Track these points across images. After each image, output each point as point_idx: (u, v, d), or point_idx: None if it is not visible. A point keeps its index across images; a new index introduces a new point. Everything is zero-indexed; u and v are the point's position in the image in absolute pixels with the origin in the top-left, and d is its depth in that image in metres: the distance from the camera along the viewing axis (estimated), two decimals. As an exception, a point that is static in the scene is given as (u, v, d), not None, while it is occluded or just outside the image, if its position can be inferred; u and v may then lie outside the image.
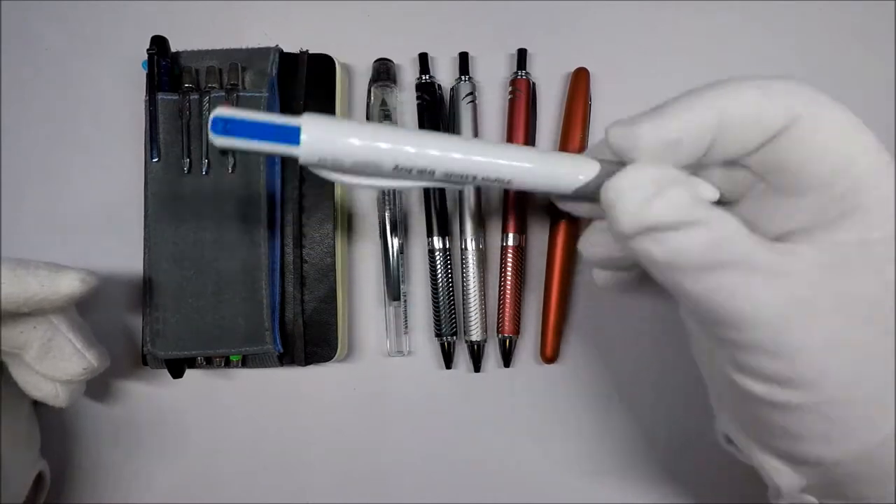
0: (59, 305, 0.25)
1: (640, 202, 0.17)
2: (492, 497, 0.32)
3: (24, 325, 0.25)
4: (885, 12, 0.33)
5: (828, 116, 0.18)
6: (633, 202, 0.17)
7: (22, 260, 0.25)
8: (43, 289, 0.24)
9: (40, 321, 0.26)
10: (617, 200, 0.18)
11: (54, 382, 0.27)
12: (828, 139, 0.18)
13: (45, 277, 0.24)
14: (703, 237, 0.17)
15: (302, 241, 0.31)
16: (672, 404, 0.32)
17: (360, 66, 0.34)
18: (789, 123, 0.18)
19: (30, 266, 0.25)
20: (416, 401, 0.32)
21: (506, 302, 0.31)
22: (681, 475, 0.31)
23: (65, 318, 0.26)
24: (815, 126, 0.18)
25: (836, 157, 0.18)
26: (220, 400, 0.33)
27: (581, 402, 0.32)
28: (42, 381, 0.27)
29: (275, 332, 0.30)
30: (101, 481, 0.32)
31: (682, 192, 0.17)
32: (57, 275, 0.25)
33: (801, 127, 0.18)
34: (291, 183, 0.31)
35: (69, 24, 0.35)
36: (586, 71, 0.32)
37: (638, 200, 0.17)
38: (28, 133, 0.34)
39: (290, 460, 0.32)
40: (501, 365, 0.32)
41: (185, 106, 0.31)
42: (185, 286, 0.30)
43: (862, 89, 0.33)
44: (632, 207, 0.17)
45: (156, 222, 0.30)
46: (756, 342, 0.18)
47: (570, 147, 0.31)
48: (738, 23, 0.34)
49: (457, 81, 0.33)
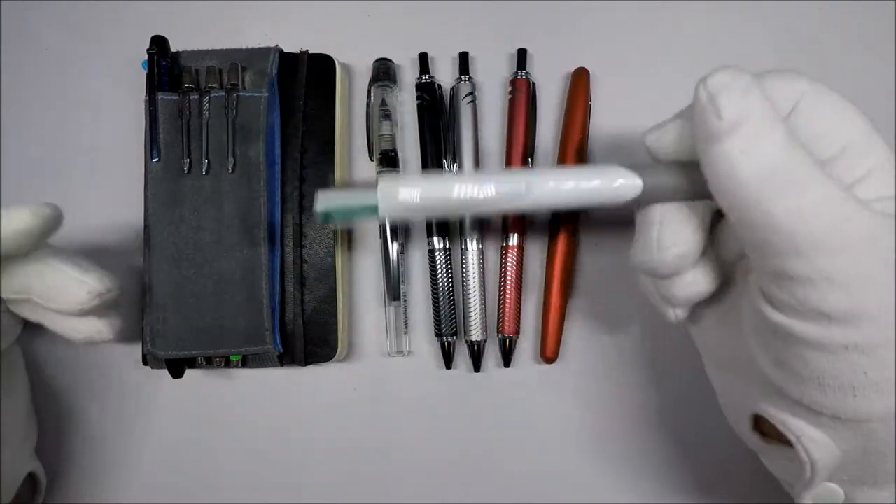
0: (21, 244, 0.24)
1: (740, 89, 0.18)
2: (492, 497, 0.32)
3: (15, 269, 0.25)
4: (885, 12, 0.33)
5: (825, 96, 0.20)
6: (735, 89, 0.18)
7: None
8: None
9: (28, 260, 0.25)
10: (720, 91, 0.18)
11: (88, 318, 0.26)
12: (829, 114, 0.20)
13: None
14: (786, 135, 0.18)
15: (302, 241, 0.31)
16: (672, 404, 0.32)
17: (360, 66, 0.34)
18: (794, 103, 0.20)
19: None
20: (416, 401, 0.32)
21: (506, 302, 0.31)
22: (681, 475, 0.31)
23: (50, 251, 0.26)
24: (816, 103, 0.20)
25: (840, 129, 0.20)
26: (220, 400, 0.33)
27: (581, 402, 0.32)
28: (76, 322, 0.26)
29: (275, 332, 0.30)
30: (100, 481, 0.32)
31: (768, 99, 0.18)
32: (7, 213, 0.24)
33: (805, 104, 0.20)
34: (291, 183, 0.31)
35: (69, 24, 0.35)
36: (586, 71, 0.32)
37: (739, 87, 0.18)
38: (28, 133, 0.34)
39: (290, 460, 0.32)
40: (501, 365, 0.32)
41: (185, 106, 0.31)
42: (185, 286, 0.30)
43: (862, 89, 0.33)
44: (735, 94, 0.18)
45: (156, 222, 0.30)
46: (825, 271, 0.17)
47: (569, 147, 0.31)
48: (738, 23, 0.34)
49: (457, 81, 0.33)
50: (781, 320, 0.19)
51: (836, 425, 0.19)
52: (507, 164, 0.32)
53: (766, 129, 0.18)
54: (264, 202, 0.30)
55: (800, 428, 0.20)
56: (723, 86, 0.18)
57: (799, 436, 0.20)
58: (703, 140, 0.19)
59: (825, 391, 0.19)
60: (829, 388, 0.18)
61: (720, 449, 0.31)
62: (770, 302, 0.19)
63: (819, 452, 0.20)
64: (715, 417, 0.24)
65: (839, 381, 0.18)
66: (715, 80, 0.19)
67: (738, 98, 0.18)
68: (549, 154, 0.33)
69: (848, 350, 0.18)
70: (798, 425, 0.20)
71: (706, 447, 0.31)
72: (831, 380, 0.18)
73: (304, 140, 0.32)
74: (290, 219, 0.31)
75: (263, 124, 0.30)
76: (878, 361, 0.18)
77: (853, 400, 0.18)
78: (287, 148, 0.31)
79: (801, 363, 0.19)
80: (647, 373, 0.32)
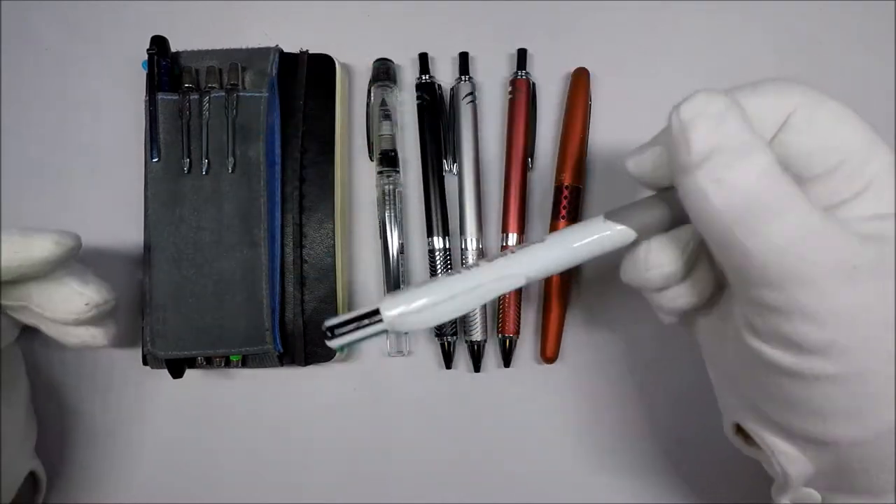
0: (38, 270, 0.24)
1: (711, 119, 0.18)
2: (492, 497, 0.32)
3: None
4: (885, 12, 0.33)
5: (821, 106, 0.19)
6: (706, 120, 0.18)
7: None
8: (17, 255, 0.24)
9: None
10: (692, 118, 0.18)
11: (84, 326, 0.26)
12: (825, 126, 0.19)
13: (18, 244, 0.24)
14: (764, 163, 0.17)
15: (302, 241, 0.31)
16: (672, 404, 0.32)
17: (360, 66, 0.34)
18: (786, 117, 0.19)
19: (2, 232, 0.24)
20: (416, 401, 0.32)
21: (506, 302, 0.31)
22: (681, 475, 0.31)
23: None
24: (811, 116, 0.19)
25: (837, 141, 0.19)
26: (220, 400, 0.33)
27: (581, 402, 0.32)
28: (71, 328, 0.26)
29: (275, 332, 0.30)
30: (100, 481, 0.32)
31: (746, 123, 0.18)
32: (30, 240, 0.24)
33: (799, 118, 0.19)
34: (291, 183, 0.31)
35: (69, 24, 0.35)
36: (586, 71, 0.32)
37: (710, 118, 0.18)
38: (28, 133, 0.34)
39: (290, 460, 0.32)
40: (501, 365, 0.32)
41: (185, 106, 0.31)
42: (185, 286, 0.30)
43: (862, 89, 0.33)
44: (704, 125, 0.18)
45: (156, 222, 0.30)
46: (797, 304, 0.17)
47: (569, 147, 0.31)
48: (738, 23, 0.34)
49: (457, 81, 0.33)
50: (758, 346, 0.19)
51: (809, 445, 0.20)
52: (507, 165, 0.32)
53: (739, 158, 0.17)
54: (264, 202, 0.30)
55: (774, 444, 0.21)
56: (695, 114, 0.18)
57: (773, 451, 0.21)
58: (677, 170, 0.18)
59: (797, 415, 0.19)
60: (800, 413, 0.19)
61: (720, 449, 0.31)
62: (748, 326, 0.19)
63: (792, 466, 0.20)
64: (715, 417, 0.24)
65: (810, 407, 0.19)
66: (687, 108, 0.18)
67: (710, 129, 0.18)
68: (550, 154, 0.33)
69: (819, 380, 0.18)
70: (773, 441, 0.21)
71: (706, 447, 0.31)
72: (803, 406, 0.19)
73: (304, 140, 0.32)
74: (290, 219, 0.31)
75: (263, 124, 0.30)
76: (849, 391, 0.18)
77: (823, 425, 0.19)
78: (287, 148, 0.31)
79: (775, 387, 0.19)
80: (647, 373, 0.32)
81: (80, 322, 0.26)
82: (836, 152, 0.19)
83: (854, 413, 0.18)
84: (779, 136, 0.19)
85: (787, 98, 0.19)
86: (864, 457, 0.19)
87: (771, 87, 0.20)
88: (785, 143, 0.19)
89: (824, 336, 0.17)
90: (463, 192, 0.32)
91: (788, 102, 0.19)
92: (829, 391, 0.18)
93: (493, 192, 0.33)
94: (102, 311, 0.26)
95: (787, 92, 0.19)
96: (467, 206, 0.32)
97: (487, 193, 0.33)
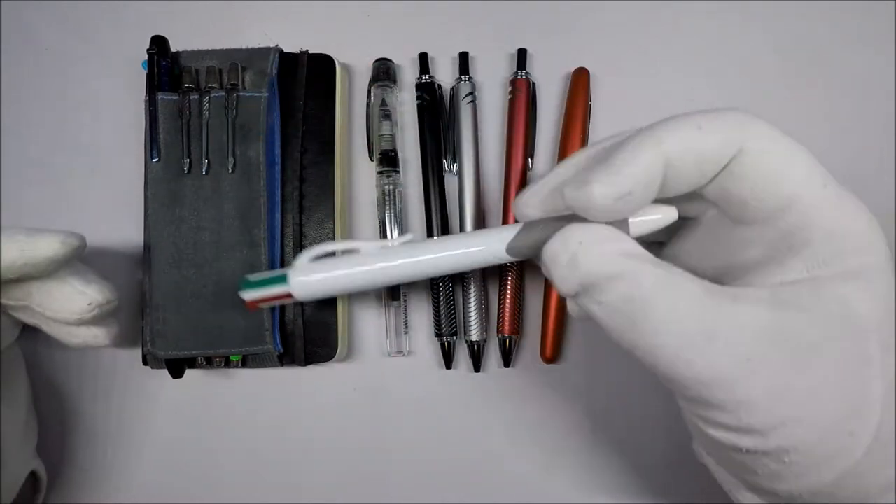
0: (43, 269, 0.24)
1: (568, 261, 0.19)
2: (492, 497, 0.32)
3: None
4: (885, 12, 0.33)
5: (770, 149, 0.19)
6: (562, 262, 0.19)
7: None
8: (23, 254, 0.24)
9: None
10: (550, 263, 0.19)
11: (86, 326, 0.26)
12: (769, 173, 0.19)
13: (24, 242, 0.24)
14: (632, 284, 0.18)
15: (302, 241, 0.31)
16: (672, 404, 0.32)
17: (360, 66, 0.34)
18: (734, 155, 0.19)
19: (8, 231, 0.24)
20: (416, 401, 0.32)
21: (506, 302, 0.31)
22: (680, 475, 0.31)
23: None
24: (756, 160, 0.18)
25: (779, 190, 0.19)
26: (220, 400, 0.33)
27: (581, 402, 0.32)
28: (73, 328, 0.26)
29: (275, 332, 0.30)
30: (100, 481, 0.32)
31: (609, 248, 0.18)
32: (36, 239, 0.24)
33: (744, 160, 0.19)
34: (291, 183, 0.31)
35: (69, 24, 0.35)
36: (586, 71, 0.32)
37: (566, 260, 0.19)
38: (28, 133, 0.34)
39: (290, 460, 0.32)
40: (501, 365, 0.32)
41: (185, 106, 0.31)
42: (185, 286, 0.30)
43: (862, 89, 0.33)
44: (564, 266, 0.19)
45: (156, 222, 0.30)
46: (705, 398, 0.18)
47: (569, 147, 0.31)
48: (738, 23, 0.34)
49: (457, 81, 0.33)
50: (698, 423, 0.20)
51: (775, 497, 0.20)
52: (507, 165, 0.32)
53: (606, 287, 0.18)
54: (264, 202, 0.30)
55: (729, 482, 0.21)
56: (551, 262, 0.19)
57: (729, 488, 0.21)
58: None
59: (757, 477, 0.19)
60: (759, 475, 0.19)
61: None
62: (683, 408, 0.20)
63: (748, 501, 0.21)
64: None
65: (767, 470, 0.19)
66: (547, 252, 0.19)
67: (568, 269, 0.19)
68: (550, 154, 0.33)
69: (759, 452, 0.18)
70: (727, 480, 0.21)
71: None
72: (760, 469, 0.19)
73: (304, 140, 0.32)
74: (290, 219, 0.31)
75: (263, 124, 0.30)
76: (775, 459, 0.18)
77: (780, 483, 0.19)
78: (287, 148, 0.31)
79: (729, 457, 0.20)
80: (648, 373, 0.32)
81: (83, 322, 0.26)
82: (777, 201, 0.19)
83: (786, 475, 0.18)
84: (724, 173, 0.19)
85: (733, 133, 0.18)
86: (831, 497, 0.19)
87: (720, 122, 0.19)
88: (728, 182, 0.19)
89: (737, 421, 0.18)
90: (463, 192, 0.32)
91: (734, 138, 0.18)
92: (758, 460, 0.19)
93: (493, 192, 0.33)
94: (105, 311, 0.26)
95: (736, 128, 0.19)
96: (467, 206, 0.32)
97: (487, 193, 0.33)
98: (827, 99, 0.33)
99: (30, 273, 0.24)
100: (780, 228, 0.19)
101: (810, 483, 0.18)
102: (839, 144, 0.32)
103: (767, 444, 0.18)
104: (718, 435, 0.19)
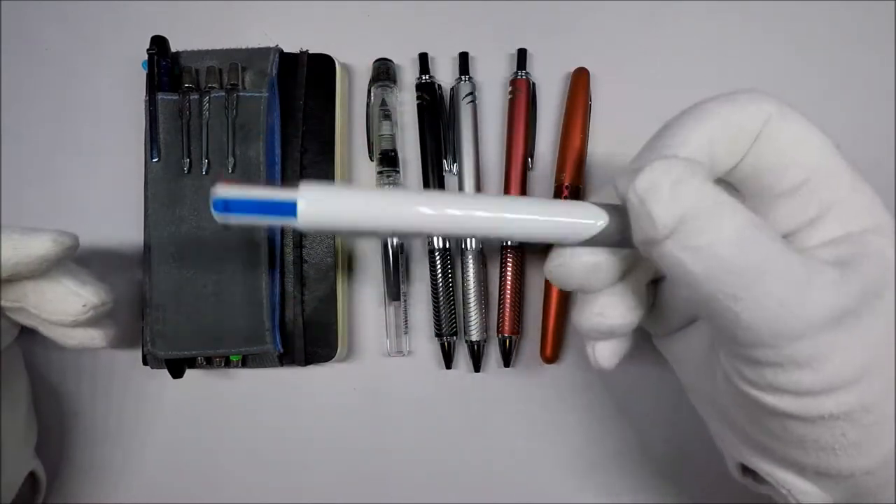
0: (35, 268, 0.24)
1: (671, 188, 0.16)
2: (492, 497, 0.32)
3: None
4: (885, 12, 0.33)
5: (790, 116, 0.19)
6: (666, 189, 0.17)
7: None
8: (16, 252, 0.24)
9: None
10: (647, 194, 0.17)
11: (82, 328, 0.26)
12: (795, 137, 0.19)
13: (17, 241, 0.24)
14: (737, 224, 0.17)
15: (302, 241, 0.31)
16: (672, 405, 0.32)
17: (360, 66, 0.34)
18: (763, 125, 0.19)
19: (3, 230, 0.24)
20: (416, 401, 0.32)
21: (506, 302, 0.31)
22: (680, 475, 0.31)
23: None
24: (783, 125, 0.19)
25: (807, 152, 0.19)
26: (220, 400, 0.33)
27: (581, 403, 0.32)
28: (69, 330, 0.26)
29: (275, 332, 0.30)
30: (100, 481, 0.32)
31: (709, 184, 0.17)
32: (29, 237, 0.24)
33: (771, 128, 0.19)
34: (291, 183, 0.31)
35: (69, 24, 0.35)
36: (586, 71, 0.32)
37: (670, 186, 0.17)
38: (28, 133, 0.34)
39: (290, 460, 0.32)
40: (501, 365, 0.32)
41: (185, 106, 0.31)
42: (185, 286, 0.30)
43: (862, 89, 0.33)
44: (666, 195, 0.16)
45: (156, 223, 0.30)
46: (790, 357, 0.17)
47: (569, 147, 0.31)
48: (738, 23, 0.34)
49: (457, 81, 0.33)
50: (756, 394, 0.18)
51: (822, 478, 0.19)
52: (507, 165, 0.32)
53: (710, 223, 0.16)
54: (264, 202, 0.30)
55: (788, 481, 0.20)
56: (652, 185, 0.17)
57: (788, 488, 0.20)
58: (643, 242, 0.18)
59: (807, 452, 0.19)
60: (810, 449, 0.19)
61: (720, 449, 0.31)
62: (740, 376, 0.19)
63: (809, 499, 0.20)
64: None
65: (819, 443, 0.18)
66: (643, 180, 0.17)
67: (670, 200, 0.17)
68: (550, 154, 0.33)
69: (825, 419, 0.18)
70: (786, 478, 0.20)
71: (706, 448, 0.31)
72: (812, 443, 0.18)
73: (304, 140, 0.32)
74: (290, 219, 0.31)
75: (263, 124, 0.30)
76: (856, 423, 0.18)
77: (836, 459, 0.18)
78: (287, 148, 0.31)
79: (780, 429, 0.19)
80: (647, 373, 0.32)
81: (78, 324, 0.26)
82: (801, 169, 0.19)
83: (864, 444, 0.18)
84: (756, 144, 0.19)
85: (761, 109, 0.19)
86: (881, 482, 0.19)
87: (746, 96, 0.19)
88: (759, 154, 0.19)
89: (822, 379, 0.17)
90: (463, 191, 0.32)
91: (764, 113, 0.19)
92: (836, 426, 0.18)
93: (493, 192, 0.33)
94: (100, 313, 0.26)
95: (761, 103, 0.19)
96: (467, 206, 0.32)
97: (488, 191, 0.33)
98: (827, 99, 0.33)
99: (22, 272, 0.24)
100: (810, 191, 0.19)
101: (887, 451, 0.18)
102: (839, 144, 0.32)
103: (855, 403, 0.17)
104: (798, 406, 0.17)
